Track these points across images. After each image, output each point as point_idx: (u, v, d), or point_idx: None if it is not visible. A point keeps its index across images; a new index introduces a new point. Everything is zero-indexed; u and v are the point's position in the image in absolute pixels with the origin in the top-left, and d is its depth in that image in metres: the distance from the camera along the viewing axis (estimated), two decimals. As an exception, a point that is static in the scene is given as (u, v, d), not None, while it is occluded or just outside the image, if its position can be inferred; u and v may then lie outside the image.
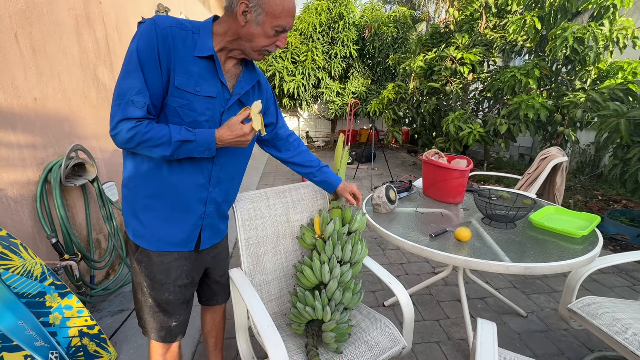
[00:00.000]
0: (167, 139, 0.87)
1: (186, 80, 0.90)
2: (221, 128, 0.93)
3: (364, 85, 7.64)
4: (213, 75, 0.94)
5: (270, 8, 0.86)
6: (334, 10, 7.09)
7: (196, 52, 0.90)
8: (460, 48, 4.43)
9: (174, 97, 0.90)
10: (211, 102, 0.95)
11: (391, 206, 1.70)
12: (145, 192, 0.98)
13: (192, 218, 1.05)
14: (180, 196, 1.00)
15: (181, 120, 0.92)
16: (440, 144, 4.81)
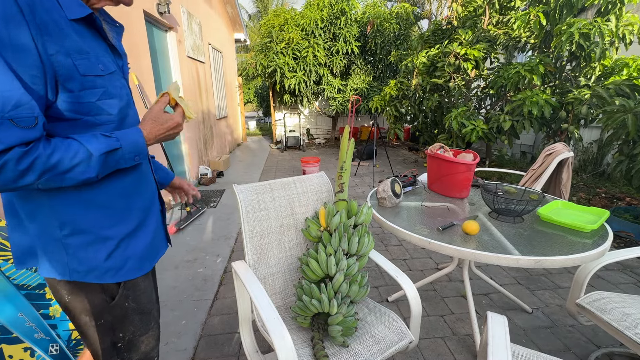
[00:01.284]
0: (85, 156, 0.64)
1: (87, 61, 0.67)
2: (145, 123, 0.77)
3: (366, 82, 7.60)
4: (97, 39, 0.73)
5: None
6: (335, 6, 7.04)
7: (70, 14, 0.65)
8: (463, 44, 4.40)
9: (86, 90, 0.67)
10: (116, 79, 0.75)
11: (396, 200, 1.68)
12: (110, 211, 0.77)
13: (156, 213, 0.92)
14: (139, 195, 0.84)
15: (108, 115, 0.72)
16: (443, 141, 4.78)
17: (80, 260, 0.74)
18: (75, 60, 0.65)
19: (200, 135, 5.18)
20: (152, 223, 0.88)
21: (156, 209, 0.91)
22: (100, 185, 0.74)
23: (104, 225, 0.76)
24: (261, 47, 7.40)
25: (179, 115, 0.80)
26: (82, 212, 0.73)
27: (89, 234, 0.74)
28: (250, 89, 15.39)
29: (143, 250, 0.84)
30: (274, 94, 8.58)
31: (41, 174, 0.61)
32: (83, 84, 0.66)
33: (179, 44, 4.28)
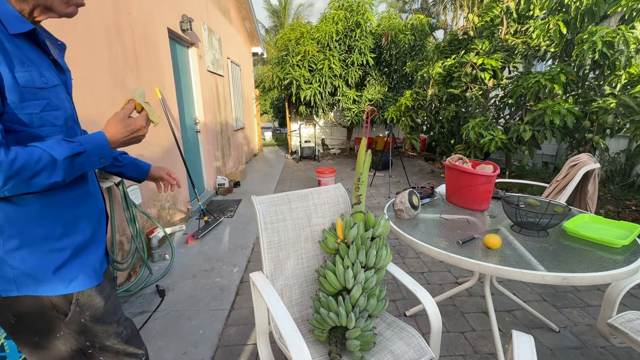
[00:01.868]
0: (49, 161, 0.66)
1: (28, 72, 0.68)
2: (110, 126, 0.78)
3: (381, 93, 7.62)
4: (40, 54, 0.75)
5: None
6: (350, 19, 7.16)
7: (11, 29, 0.67)
8: (480, 54, 4.36)
9: (28, 101, 0.68)
10: (59, 92, 0.77)
11: (414, 212, 1.66)
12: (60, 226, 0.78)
13: (102, 220, 0.91)
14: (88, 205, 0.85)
15: (53, 126, 0.73)
16: (460, 152, 4.70)
17: (28, 274, 0.73)
18: (16, 73, 0.66)
19: (218, 146, 5.31)
20: (99, 235, 0.88)
21: (102, 219, 0.91)
22: (46, 196, 0.74)
23: (53, 236, 0.76)
24: (278, 60, 7.58)
25: (142, 118, 0.81)
26: (29, 225, 0.73)
27: (36, 246, 0.74)
28: (267, 100, 15.71)
29: (96, 260, 0.85)
30: (290, 106, 8.72)
31: (5, 181, 0.62)
32: (24, 96, 0.67)
33: (199, 59, 4.44)
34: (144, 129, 0.80)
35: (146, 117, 0.81)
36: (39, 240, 0.75)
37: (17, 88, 0.66)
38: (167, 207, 3.24)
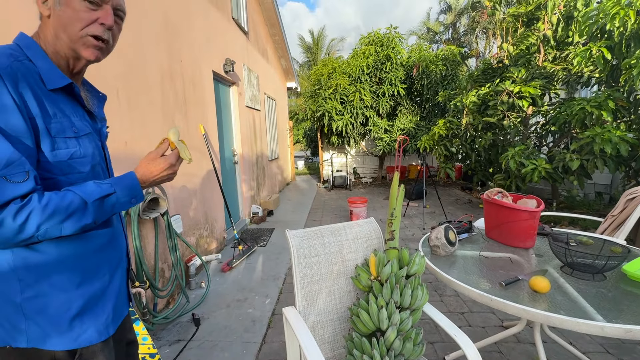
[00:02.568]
0: (79, 204, 0.67)
1: (60, 124, 0.71)
2: (141, 166, 0.79)
3: (413, 122, 7.62)
4: (75, 105, 0.78)
5: None
6: (381, 53, 7.40)
7: (49, 85, 0.70)
8: (517, 82, 4.26)
9: (59, 149, 0.70)
10: (91, 140, 0.79)
11: (451, 248, 1.60)
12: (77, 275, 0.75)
13: (122, 271, 0.89)
14: (109, 252, 0.83)
15: (80, 173, 0.75)
16: (500, 181, 4.48)
17: (39, 325, 0.70)
18: (49, 124, 0.69)
19: (254, 176, 5.53)
20: (117, 282, 0.85)
21: (123, 267, 0.89)
22: (67, 242, 0.73)
23: (69, 286, 0.73)
24: (311, 93, 7.94)
25: (172, 156, 0.81)
26: (47, 273, 0.71)
27: (53, 296, 0.71)
28: (300, 130, 16.27)
29: (107, 312, 0.80)
30: (322, 136, 8.96)
31: (39, 226, 0.63)
32: (54, 145, 0.70)
33: (239, 96, 4.79)
34: (173, 167, 0.81)
35: (177, 155, 0.83)
36: (57, 290, 0.72)
37: (49, 138, 0.69)
38: (205, 235, 3.38)
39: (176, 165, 0.82)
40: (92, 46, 0.74)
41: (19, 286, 0.69)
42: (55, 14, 0.71)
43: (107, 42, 0.77)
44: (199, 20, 3.52)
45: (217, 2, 4.08)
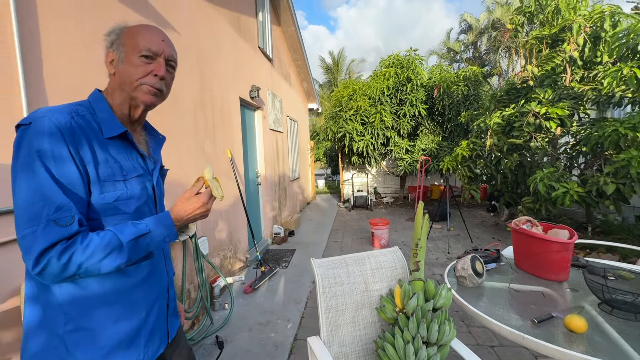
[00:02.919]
0: (116, 244, 0.72)
1: (110, 169, 0.78)
2: (175, 206, 0.83)
3: (435, 142, 7.55)
4: (129, 150, 0.85)
5: (128, 40, 0.81)
6: (401, 75, 7.49)
7: (106, 134, 0.79)
8: (543, 103, 4.17)
9: (106, 192, 0.77)
10: (141, 181, 0.86)
11: (478, 280, 1.56)
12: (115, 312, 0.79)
13: (160, 307, 0.91)
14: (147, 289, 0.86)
15: (124, 214, 0.80)
16: (528, 204, 4.31)
17: (76, 358, 0.74)
18: (99, 170, 0.75)
19: (276, 196, 5.64)
20: (152, 319, 0.87)
21: (161, 303, 0.91)
22: (108, 278, 0.77)
23: (106, 322, 0.77)
24: (332, 115, 8.11)
25: (205, 195, 0.84)
26: (89, 307, 0.75)
27: (90, 331, 0.75)
28: (320, 148, 16.48)
29: (139, 350, 0.82)
30: (343, 156, 9.04)
31: (80, 265, 0.69)
32: (102, 188, 0.76)
33: (263, 119, 4.98)
34: (206, 205, 0.84)
35: (210, 194, 0.86)
36: (94, 324, 0.76)
37: (98, 183, 0.75)
38: (229, 256, 3.46)
39: (209, 204, 0.85)
40: (148, 93, 0.82)
41: (63, 319, 0.74)
42: (118, 71, 0.82)
43: (161, 90, 0.85)
44: (228, 51, 3.75)
45: (245, 33, 4.35)
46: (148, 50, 0.81)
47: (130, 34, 0.82)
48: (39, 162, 0.67)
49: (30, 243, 0.66)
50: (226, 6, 3.76)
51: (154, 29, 0.85)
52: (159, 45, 0.83)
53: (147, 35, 0.82)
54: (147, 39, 0.82)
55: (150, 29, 0.84)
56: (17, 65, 1.40)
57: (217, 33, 3.48)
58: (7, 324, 1.34)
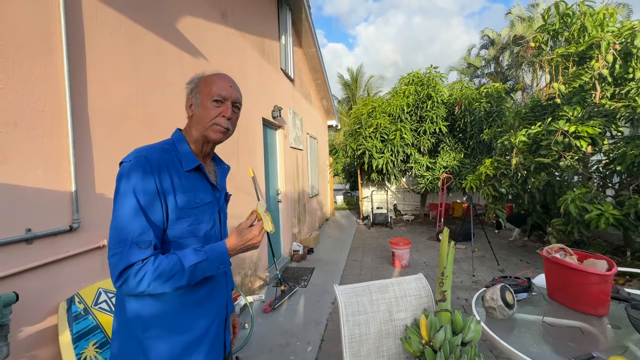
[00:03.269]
0: (179, 268, 0.83)
1: (187, 197, 0.90)
2: (230, 237, 0.92)
3: (456, 159, 7.41)
4: (202, 180, 0.98)
5: (203, 88, 0.95)
6: (421, 93, 7.48)
7: (185, 167, 0.93)
8: (572, 121, 4.03)
9: (181, 218, 0.89)
10: (211, 207, 0.98)
11: (509, 312, 1.49)
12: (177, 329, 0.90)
13: (219, 322, 1.02)
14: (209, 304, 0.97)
15: (195, 237, 0.92)
16: (559, 226, 4.11)
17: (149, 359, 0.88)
18: (178, 199, 0.88)
19: (295, 213, 5.67)
20: (213, 332, 0.97)
21: (220, 319, 1.01)
22: (178, 294, 0.89)
23: (174, 332, 0.89)
24: (351, 132, 8.16)
25: (256, 228, 0.92)
26: (163, 317, 0.88)
27: (161, 339, 0.88)
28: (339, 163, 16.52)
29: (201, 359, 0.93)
30: (362, 173, 9.02)
31: (150, 283, 0.80)
32: (179, 215, 0.89)
33: (284, 138, 5.09)
34: (257, 238, 0.92)
35: (261, 227, 0.93)
36: (165, 333, 0.88)
37: (176, 209, 0.88)
38: (249, 274, 3.48)
39: (259, 236, 0.93)
40: (218, 132, 0.96)
41: (142, 326, 0.87)
42: (195, 113, 0.96)
43: (228, 128, 0.98)
44: (253, 74, 3.91)
45: (269, 56, 4.52)
46: (219, 95, 0.94)
47: (206, 82, 0.96)
48: (132, 194, 0.82)
49: (116, 261, 0.80)
50: (252, 32, 3.95)
51: (224, 77, 0.98)
52: (227, 91, 0.95)
53: (219, 83, 0.95)
54: (218, 86, 0.95)
55: (221, 77, 0.98)
56: (66, 93, 1.53)
57: (243, 58, 3.64)
58: (45, 341, 1.40)
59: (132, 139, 1.94)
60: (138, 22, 2.03)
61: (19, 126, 1.33)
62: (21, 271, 1.31)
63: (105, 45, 1.78)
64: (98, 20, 1.74)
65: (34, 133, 1.39)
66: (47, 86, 1.46)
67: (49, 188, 1.44)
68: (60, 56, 1.51)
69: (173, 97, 2.34)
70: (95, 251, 1.68)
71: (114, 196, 0.84)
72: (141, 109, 2.03)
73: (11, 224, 1.30)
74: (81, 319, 1.47)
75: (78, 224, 1.56)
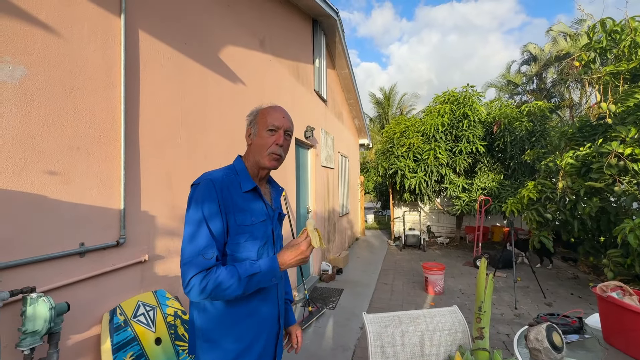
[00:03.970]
0: (236, 278, 0.91)
1: (243, 216, 1.01)
2: (282, 252, 1.00)
3: (495, 181, 7.03)
4: (258, 200, 1.08)
5: (260, 119, 1.07)
6: (457, 112, 7.29)
7: (243, 189, 1.04)
8: (627, 142, 3.70)
9: (238, 234, 0.99)
10: (265, 225, 1.07)
11: (557, 355, 1.35)
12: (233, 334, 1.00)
13: (268, 335, 1.08)
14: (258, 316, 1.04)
15: (249, 251, 1.01)
16: (617, 258, 3.70)
17: None
18: (236, 217, 0.99)
19: (325, 232, 5.65)
20: (261, 344, 1.04)
21: (270, 332, 1.08)
22: (231, 306, 0.99)
23: (227, 340, 0.98)
24: (383, 151, 8.09)
25: (304, 244, 0.99)
26: (216, 325, 0.99)
27: (217, 343, 0.98)
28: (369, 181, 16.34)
29: None
30: (394, 192, 8.84)
31: (212, 291, 0.89)
32: (236, 231, 0.99)
33: (316, 157, 5.17)
34: (305, 253, 0.99)
35: (309, 243, 1.00)
36: (220, 339, 0.98)
37: (235, 226, 0.99)
38: (277, 293, 3.49)
39: (307, 251, 1.00)
40: (272, 159, 1.07)
41: (201, 331, 0.99)
42: (253, 142, 1.08)
43: (281, 155, 1.08)
44: (287, 96, 4.06)
45: (303, 79, 4.69)
46: (273, 125, 1.05)
47: (262, 114, 1.08)
48: (200, 213, 0.94)
49: (186, 270, 0.91)
50: (288, 57, 4.14)
51: (278, 109, 1.09)
52: (280, 122, 1.06)
53: (273, 114, 1.07)
54: (272, 117, 1.06)
55: (276, 109, 1.09)
56: (121, 120, 1.70)
57: (278, 81, 3.81)
58: (88, 350, 1.50)
59: (175, 161, 2.08)
60: (186, 54, 2.22)
61: (80, 150, 1.49)
62: (73, 282, 1.43)
63: (157, 76, 1.97)
64: (152, 53, 1.93)
65: (92, 156, 1.55)
66: (106, 115, 1.63)
67: (101, 206, 1.58)
68: (119, 88, 1.69)
69: (212, 120, 2.49)
70: (137, 265, 1.79)
71: (185, 214, 0.97)
72: (185, 133, 2.18)
73: (68, 238, 1.43)
74: (121, 330, 1.56)
75: (124, 239, 1.68)
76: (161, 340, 1.70)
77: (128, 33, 1.76)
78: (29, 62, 1.30)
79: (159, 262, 1.94)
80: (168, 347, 1.71)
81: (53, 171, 1.38)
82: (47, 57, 1.37)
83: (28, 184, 1.29)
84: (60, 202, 1.40)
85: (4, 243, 1.20)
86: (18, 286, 1.20)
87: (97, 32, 1.59)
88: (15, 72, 1.26)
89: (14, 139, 1.25)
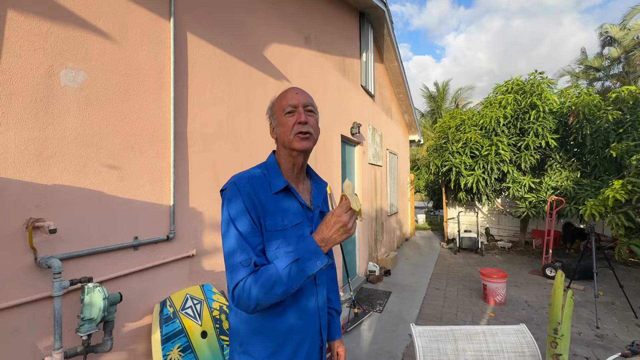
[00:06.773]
0: (276, 275, 0.83)
1: (274, 220, 0.92)
2: (318, 230, 0.86)
3: (570, 179, 6.15)
4: (292, 201, 0.97)
5: (276, 107, 0.98)
6: (522, 102, 6.52)
7: (273, 190, 0.94)
8: None
9: (269, 241, 0.91)
10: (299, 228, 0.95)
11: (664, 399, 1.07)
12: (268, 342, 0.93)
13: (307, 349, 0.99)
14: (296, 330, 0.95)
15: None
16: None
17: None
18: (266, 222, 0.90)
19: (372, 232, 5.47)
20: (300, 358, 0.95)
21: (311, 345, 0.98)
22: (265, 319, 0.92)
23: (262, 353, 0.92)
24: (435, 147, 7.59)
25: (339, 209, 0.83)
26: (251, 338, 0.92)
27: (251, 355, 0.92)
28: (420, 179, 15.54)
29: None
30: (447, 191, 8.27)
31: (257, 294, 0.82)
32: (267, 237, 0.91)
33: (362, 154, 5.02)
34: (348, 224, 0.83)
35: (347, 207, 0.82)
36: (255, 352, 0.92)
37: (265, 232, 0.91)
38: (322, 292, 3.45)
39: (343, 217, 0.82)
40: (300, 140, 0.94)
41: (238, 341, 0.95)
42: (277, 134, 0.99)
43: (309, 132, 0.95)
44: (333, 92, 3.98)
45: (349, 74, 4.57)
46: (289, 106, 0.95)
47: (277, 102, 0.99)
48: (229, 219, 0.89)
49: (229, 283, 0.87)
50: (333, 52, 4.06)
51: (291, 89, 0.99)
52: (296, 99, 0.96)
53: (286, 96, 0.97)
54: (286, 98, 0.96)
55: (288, 90, 0.99)
56: (171, 119, 1.77)
57: (324, 77, 3.75)
58: (139, 339, 1.59)
59: (221, 158, 2.13)
60: (231, 54, 2.26)
61: (134, 149, 1.58)
62: (127, 274, 1.52)
63: (204, 76, 2.02)
64: (199, 54, 1.99)
65: (145, 154, 1.63)
66: (157, 115, 1.70)
67: (153, 202, 1.66)
68: (169, 89, 1.76)
69: (256, 118, 2.51)
70: (186, 259, 1.86)
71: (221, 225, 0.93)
72: (230, 130, 2.22)
73: (124, 232, 1.52)
74: (170, 322, 1.62)
75: (173, 234, 1.76)
76: (207, 333, 1.74)
77: (177, 36, 1.82)
78: (89, 68, 1.40)
79: (205, 257, 2.00)
80: (213, 341, 1.74)
81: (110, 169, 1.47)
82: (104, 62, 1.46)
83: (88, 181, 1.39)
84: (116, 198, 1.49)
85: (66, 236, 1.30)
86: (76, 276, 1.30)
87: (149, 36, 1.67)
88: (77, 77, 1.36)
89: (76, 139, 1.35)
